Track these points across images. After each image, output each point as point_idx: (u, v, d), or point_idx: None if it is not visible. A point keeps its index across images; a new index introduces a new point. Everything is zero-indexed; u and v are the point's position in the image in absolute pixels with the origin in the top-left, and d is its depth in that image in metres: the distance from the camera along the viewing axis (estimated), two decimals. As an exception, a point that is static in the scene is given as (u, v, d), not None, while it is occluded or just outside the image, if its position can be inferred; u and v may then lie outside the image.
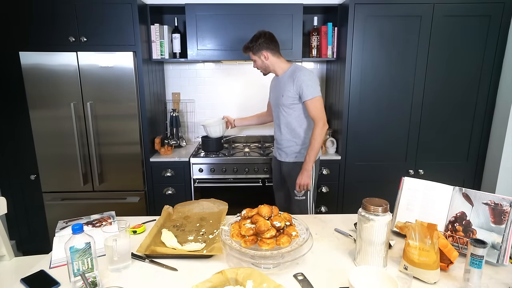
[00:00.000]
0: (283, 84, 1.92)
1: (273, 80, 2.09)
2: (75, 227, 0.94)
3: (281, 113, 1.98)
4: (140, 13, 2.25)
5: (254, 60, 1.96)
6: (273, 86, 2.08)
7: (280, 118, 1.99)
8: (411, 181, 1.29)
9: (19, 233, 2.65)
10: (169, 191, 2.43)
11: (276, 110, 2.02)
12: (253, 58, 1.94)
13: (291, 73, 1.90)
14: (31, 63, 2.18)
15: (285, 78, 1.92)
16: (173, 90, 2.84)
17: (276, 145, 2.10)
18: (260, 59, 1.94)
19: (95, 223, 1.31)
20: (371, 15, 2.21)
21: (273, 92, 2.06)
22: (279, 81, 1.97)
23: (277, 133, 2.06)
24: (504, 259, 1.07)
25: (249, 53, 1.94)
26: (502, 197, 1.10)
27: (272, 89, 2.08)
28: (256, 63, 1.96)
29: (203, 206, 1.49)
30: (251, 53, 1.93)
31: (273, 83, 2.08)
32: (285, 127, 1.98)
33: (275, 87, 2.02)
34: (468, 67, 2.29)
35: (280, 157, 2.06)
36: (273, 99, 2.06)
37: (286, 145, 2.01)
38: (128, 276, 1.04)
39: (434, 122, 2.38)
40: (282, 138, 2.01)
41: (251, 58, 1.96)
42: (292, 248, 1.03)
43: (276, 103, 2.00)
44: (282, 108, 1.95)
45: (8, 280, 1.49)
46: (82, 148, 2.31)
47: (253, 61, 1.97)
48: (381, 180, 2.43)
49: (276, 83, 2.02)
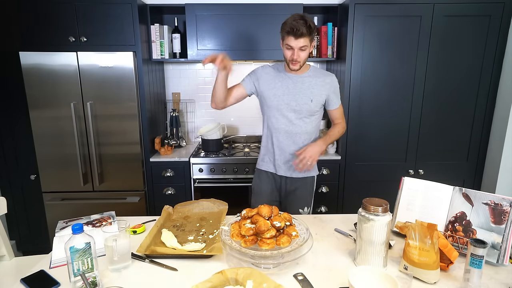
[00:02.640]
0: (311, 87, 1.64)
1: (281, 79, 1.67)
2: (75, 227, 0.94)
3: (301, 120, 1.67)
4: (140, 13, 2.25)
5: (303, 49, 1.53)
6: (283, 86, 1.66)
7: (300, 126, 1.67)
8: (411, 181, 1.29)
9: (19, 233, 2.65)
10: (169, 191, 2.43)
11: (289, 116, 1.67)
12: (305, 45, 1.51)
13: (319, 75, 1.67)
14: (31, 63, 2.18)
15: (312, 80, 1.65)
16: (173, 90, 2.84)
17: (279, 157, 1.73)
18: (309, 47, 1.56)
19: (95, 223, 1.31)
20: (371, 15, 2.21)
21: (285, 93, 1.65)
22: (300, 82, 1.65)
23: (286, 143, 1.70)
24: (504, 259, 1.07)
25: (306, 37, 1.50)
26: (502, 197, 1.10)
27: (283, 89, 1.66)
28: (305, 52, 1.55)
29: (203, 206, 1.49)
30: (308, 37, 1.50)
31: (284, 83, 1.66)
32: (305, 137, 1.69)
33: (289, 88, 1.65)
34: (468, 67, 2.29)
35: (286, 172, 1.74)
36: (284, 101, 1.65)
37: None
38: (128, 276, 1.04)
39: (434, 122, 2.38)
40: (292, 150, 1.69)
41: (301, 45, 1.50)
42: (292, 248, 1.03)
43: (293, 108, 1.65)
44: (305, 115, 1.66)
45: (8, 280, 1.49)
46: (82, 148, 2.31)
47: (300, 50, 1.53)
48: (381, 180, 2.43)
49: (291, 83, 1.65)
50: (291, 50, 1.54)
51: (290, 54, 1.55)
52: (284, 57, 1.60)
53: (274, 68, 1.72)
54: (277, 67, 1.72)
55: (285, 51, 1.58)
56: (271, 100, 1.68)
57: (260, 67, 1.74)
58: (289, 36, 1.50)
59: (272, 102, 1.68)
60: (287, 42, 1.53)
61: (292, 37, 1.50)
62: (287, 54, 1.57)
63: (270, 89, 1.68)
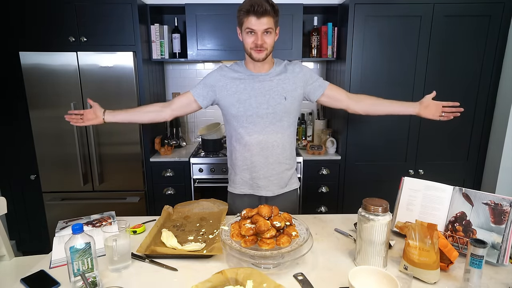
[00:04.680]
0: (282, 83, 1.39)
1: (244, 80, 1.39)
2: (75, 227, 0.94)
3: (276, 126, 1.40)
4: (140, 13, 2.25)
5: (268, 31, 1.30)
6: (247, 88, 1.38)
7: (276, 133, 1.40)
8: (411, 181, 1.29)
9: (19, 233, 2.65)
10: (169, 191, 2.43)
11: (261, 123, 1.39)
12: (269, 27, 1.29)
13: (287, 67, 1.43)
14: (31, 63, 2.18)
15: (281, 75, 1.40)
16: (173, 90, 2.84)
17: (256, 174, 1.45)
18: (275, 33, 1.34)
19: (95, 223, 1.31)
20: (371, 15, 2.21)
21: (252, 96, 1.38)
22: (267, 79, 1.39)
23: (258, 158, 1.42)
24: (504, 259, 1.07)
25: (270, 17, 1.28)
26: (502, 197, 1.10)
27: (248, 92, 1.38)
28: (271, 37, 1.31)
29: (203, 206, 1.49)
30: (272, 18, 1.29)
31: (248, 84, 1.39)
32: (284, 144, 1.44)
33: (256, 88, 1.38)
34: (468, 67, 2.29)
35: (266, 191, 1.47)
36: (253, 105, 1.37)
37: (279, 171, 1.46)
38: (128, 276, 1.04)
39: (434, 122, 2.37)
40: (271, 163, 1.43)
41: (266, 27, 1.28)
42: (292, 248, 1.03)
43: (265, 112, 1.37)
44: (280, 118, 1.40)
45: (8, 280, 1.49)
46: (82, 148, 2.31)
47: (265, 32, 1.29)
48: (381, 180, 2.43)
49: (257, 82, 1.39)
50: (253, 35, 1.29)
51: (253, 40, 1.30)
52: (245, 47, 1.34)
53: (232, 68, 1.44)
54: (235, 67, 1.44)
55: (245, 38, 1.32)
56: (236, 107, 1.39)
57: (214, 71, 1.45)
58: (250, 17, 1.26)
59: (237, 110, 1.39)
60: (248, 25, 1.27)
61: (254, 17, 1.25)
62: (249, 40, 1.31)
63: (232, 95, 1.39)
